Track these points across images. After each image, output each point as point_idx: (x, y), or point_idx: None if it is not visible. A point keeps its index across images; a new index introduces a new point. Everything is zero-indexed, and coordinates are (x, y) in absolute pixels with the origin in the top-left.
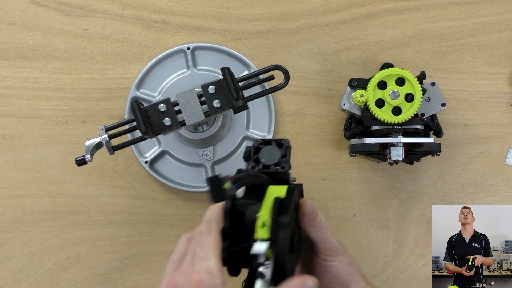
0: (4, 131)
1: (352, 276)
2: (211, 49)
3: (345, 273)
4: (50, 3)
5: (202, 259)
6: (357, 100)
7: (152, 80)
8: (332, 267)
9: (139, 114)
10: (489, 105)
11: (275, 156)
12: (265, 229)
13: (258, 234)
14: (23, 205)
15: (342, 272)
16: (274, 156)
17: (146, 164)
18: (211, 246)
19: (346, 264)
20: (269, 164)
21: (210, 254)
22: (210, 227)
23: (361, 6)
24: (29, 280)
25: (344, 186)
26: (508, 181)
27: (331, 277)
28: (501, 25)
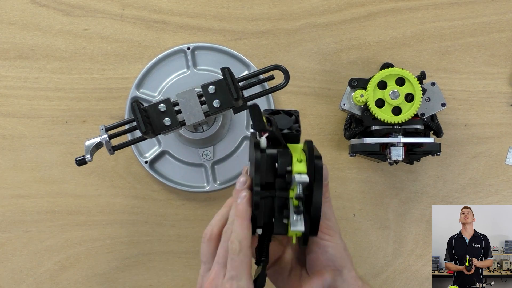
0: (4, 131)
1: (346, 262)
2: (211, 49)
3: (341, 256)
4: (50, 3)
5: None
6: (357, 100)
7: (152, 80)
8: (329, 247)
9: (139, 114)
10: (489, 105)
11: (287, 122)
12: (302, 164)
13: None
14: (23, 205)
15: (338, 254)
16: (287, 122)
17: (146, 164)
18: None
19: (342, 247)
20: (282, 128)
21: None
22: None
23: (361, 6)
24: (29, 280)
25: (344, 186)
26: (508, 181)
27: (327, 258)
28: (501, 25)
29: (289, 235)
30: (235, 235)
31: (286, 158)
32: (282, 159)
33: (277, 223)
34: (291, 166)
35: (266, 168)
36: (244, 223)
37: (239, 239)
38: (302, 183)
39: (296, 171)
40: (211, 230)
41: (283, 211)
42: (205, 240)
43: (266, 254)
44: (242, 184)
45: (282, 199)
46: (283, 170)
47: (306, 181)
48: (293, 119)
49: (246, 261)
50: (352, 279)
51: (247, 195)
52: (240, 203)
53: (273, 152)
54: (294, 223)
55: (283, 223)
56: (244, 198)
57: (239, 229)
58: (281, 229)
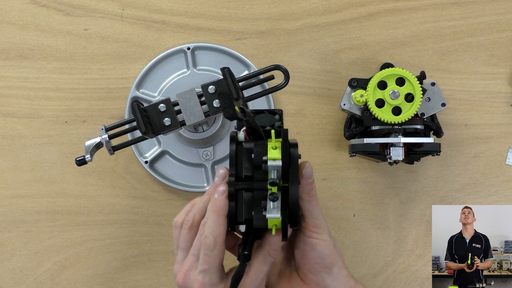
0: (4, 131)
1: (336, 260)
2: (211, 49)
3: (330, 253)
4: (50, 3)
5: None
6: (357, 100)
7: (152, 80)
8: (317, 245)
9: (139, 114)
10: (489, 105)
11: (270, 120)
12: (277, 151)
13: (270, 154)
14: (23, 205)
15: (327, 251)
16: (269, 120)
17: (146, 164)
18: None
19: (331, 245)
20: (264, 125)
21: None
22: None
23: (361, 6)
24: (29, 280)
25: (344, 186)
26: (508, 181)
27: (316, 256)
28: (501, 25)
29: (268, 227)
30: (210, 231)
31: (261, 147)
32: (257, 149)
33: (257, 216)
34: (266, 155)
35: (244, 161)
36: (220, 219)
37: (214, 235)
38: (275, 168)
39: (270, 158)
40: (193, 218)
41: (261, 202)
42: (187, 227)
43: (249, 249)
44: (221, 178)
45: (261, 191)
46: (259, 160)
47: (279, 165)
48: (277, 117)
49: (220, 256)
50: (343, 277)
51: (225, 190)
52: (217, 198)
53: (250, 145)
54: (270, 211)
55: (263, 215)
56: (223, 193)
57: (214, 225)
58: (260, 221)
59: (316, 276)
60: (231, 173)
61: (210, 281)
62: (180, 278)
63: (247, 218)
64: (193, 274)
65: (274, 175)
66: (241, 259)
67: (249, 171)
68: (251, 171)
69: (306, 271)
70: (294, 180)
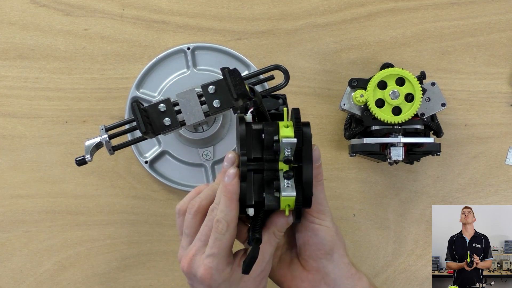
0: (4, 131)
1: (337, 246)
2: (211, 49)
3: (331, 239)
4: (50, 3)
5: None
6: (357, 100)
7: (152, 80)
8: (319, 231)
9: (139, 114)
10: (489, 105)
11: (274, 104)
12: (289, 129)
13: (283, 132)
14: (23, 205)
15: (328, 237)
16: (274, 104)
17: (146, 164)
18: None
19: (333, 231)
20: (269, 109)
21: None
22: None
23: (361, 6)
24: (29, 280)
25: (344, 186)
26: (508, 181)
27: (317, 241)
28: (501, 25)
29: (281, 207)
30: (223, 215)
31: (272, 127)
32: (268, 129)
33: (268, 196)
34: (278, 135)
35: (253, 142)
36: (233, 203)
37: (227, 220)
38: (290, 145)
39: (283, 136)
40: (200, 203)
41: (273, 183)
42: (192, 211)
43: (259, 232)
44: (230, 161)
45: (272, 172)
46: (270, 140)
47: (294, 142)
48: (280, 101)
49: (231, 240)
50: (343, 264)
51: (236, 174)
52: (229, 182)
53: (259, 126)
54: (284, 189)
55: (275, 196)
56: (234, 176)
57: (227, 209)
58: (273, 202)
59: (317, 262)
60: (242, 153)
61: (217, 266)
62: (185, 263)
63: (256, 201)
64: (199, 259)
65: (288, 153)
66: (254, 242)
67: (259, 153)
68: (260, 152)
69: (306, 257)
70: (308, 159)
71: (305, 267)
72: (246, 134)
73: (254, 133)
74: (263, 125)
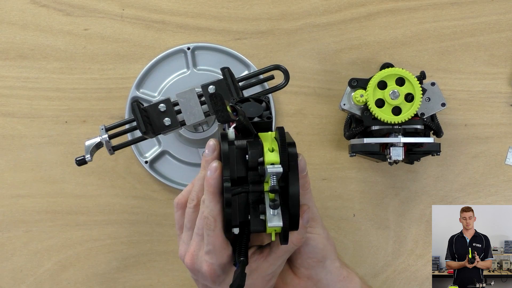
0: (4, 131)
1: (329, 252)
2: (211, 49)
3: (323, 247)
4: (50, 3)
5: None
6: (357, 100)
7: (152, 80)
8: (311, 240)
9: (139, 114)
10: (489, 105)
11: (257, 110)
12: (274, 154)
13: (268, 158)
14: (23, 205)
15: (320, 245)
16: (256, 110)
17: (146, 164)
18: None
19: (324, 238)
20: (252, 116)
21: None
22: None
23: (361, 6)
24: (29, 280)
25: (344, 186)
26: (508, 181)
27: (309, 251)
28: (501, 25)
29: (267, 231)
30: (209, 211)
31: (256, 148)
32: (252, 150)
33: (254, 220)
34: (262, 156)
35: (237, 161)
36: (216, 198)
37: (213, 215)
38: (275, 175)
39: (268, 162)
40: (197, 196)
41: (259, 206)
42: (192, 206)
43: (245, 254)
44: (211, 149)
45: (257, 193)
46: (255, 162)
47: (280, 172)
48: (263, 106)
49: (222, 234)
50: (335, 269)
51: (218, 168)
52: (210, 177)
53: (242, 143)
54: (271, 219)
55: (260, 219)
56: (215, 171)
57: (211, 205)
58: (258, 225)
59: (309, 270)
60: (225, 178)
61: (217, 261)
62: (189, 260)
63: (241, 221)
64: (201, 255)
65: (274, 182)
66: (240, 265)
67: (243, 172)
68: (245, 172)
69: (298, 265)
70: (295, 184)
71: (296, 274)
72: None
73: (238, 151)
74: (247, 145)
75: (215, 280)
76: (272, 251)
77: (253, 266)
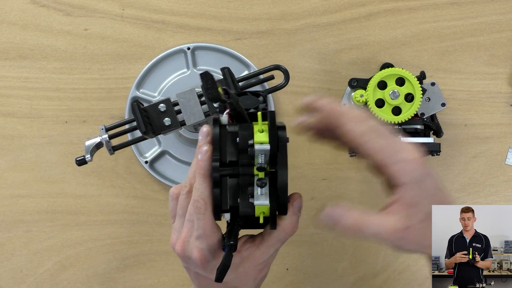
0: (4, 131)
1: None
2: (211, 49)
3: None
4: (50, 3)
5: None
6: (357, 100)
7: (152, 80)
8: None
9: (139, 114)
10: (489, 105)
11: (254, 102)
12: (264, 134)
13: (257, 138)
14: (23, 205)
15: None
16: (253, 102)
17: (146, 164)
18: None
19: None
20: (248, 108)
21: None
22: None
23: (361, 6)
24: (29, 280)
25: (344, 186)
26: (508, 181)
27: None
28: (501, 25)
29: (256, 215)
30: (199, 193)
31: (247, 130)
32: (242, 132)
33: (243, 203)
34: (253, 139)
35: (228, 145)
36: (207, 180)
37: (203, 197)
38: (263, 152)
39: (257, 142)
40: (190, 182)
41: (248, 189)
42: (184, 192)
43: (235, 238)
44: (204, 135)
45: (247, 177)
46: (245, 144)
47: (267, 149)
48: (261, 99)
49: (213, 219)
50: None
51: (208, 150)
52: (201, 159)
53: (234, 129)
54: (258, 197)
55: (250, 202)
56: (206, 153)
57: (201, 187)
58: (247, 208)
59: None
60: (215, 158)
61: (207, 247)
62: (179, 247)
63: (232, 206)
64: (192, 241)
65: (262, 160)
66: (227, 249)
67: (234, 156)
68: (236, 156)
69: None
70: (283, 165)
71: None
72: (220, 138)
73: (229, 136)
74: (238, 128)
75: (205, 267)
76: (264, 240)
77: (244, 254)
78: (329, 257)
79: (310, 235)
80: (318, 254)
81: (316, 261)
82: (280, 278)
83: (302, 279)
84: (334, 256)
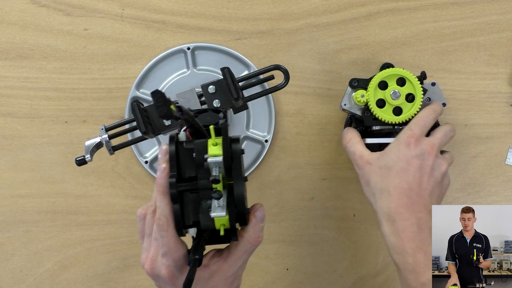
0: (4, 131)
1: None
2: (211, 49)
3: None
4: (50, 3)
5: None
6: (358, 100)
7: (152, 80)
8: None
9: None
10: (489, 105)
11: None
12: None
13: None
14: (23, 205)
15: None
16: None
17: (146, 164)
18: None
19: None
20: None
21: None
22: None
23: (361, 6)
24: (29, 280)
25: (344, 186)
26: (508, 181)
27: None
28: (501, 25)
29: (216, 227)
30: (160, 211)
31: (201, 145)
32: (197, 148)
33: (203, 216)
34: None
35: (186, 161)
36: (166, 198)
37: (165, 214)
38: (216, 165)
39: (211, 154)
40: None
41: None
42: (150, 211)
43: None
44: (163, 153)
45: (206, 191)
46: (201, 158)
47: (219, 161)
48: (221, 115)
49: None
50: None
51: (166, 168)
52: (159, 177)
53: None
54: (214, 209)
55: (209, 216)
56: (164, 171)
57: (162, 205)
58: (207, 221)
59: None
60: (172, 174)
61: (174, 263)
62: (148, 266)
63: (195, 221)
64: (159, 259)
65: (216, 172)
66: (191, 264)
67: (193, 172)
68: (195, 171)
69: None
70: (239, 176)
71: None
72: (177, 154)
73: (186, 152)
74: (194, 143)
75: (174, 283)
76: (231, 252)
77: (213, 268)
78: (329, 257)
79: (310, 235)
80: (318, 254)
81: (316, 261)
82: (280, 278)
83: (302, 279)
84: (334, 256)
